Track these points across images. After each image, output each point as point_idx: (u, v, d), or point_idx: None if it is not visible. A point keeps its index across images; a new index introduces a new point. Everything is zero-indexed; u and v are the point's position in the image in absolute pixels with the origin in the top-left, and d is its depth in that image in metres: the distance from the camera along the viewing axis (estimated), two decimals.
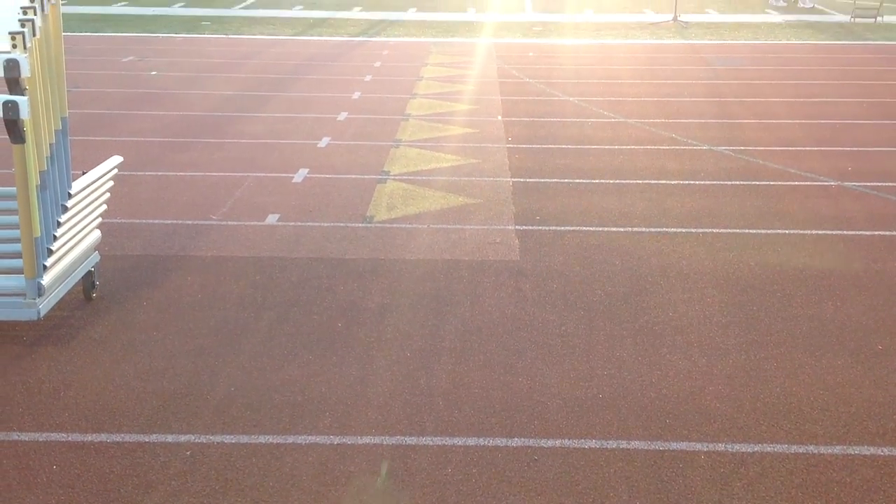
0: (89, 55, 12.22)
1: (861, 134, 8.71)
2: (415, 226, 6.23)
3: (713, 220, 6.37)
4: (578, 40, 14.16)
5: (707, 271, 5.47)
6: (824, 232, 6.14)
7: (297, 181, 7.17)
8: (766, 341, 4.55)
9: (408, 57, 12.57)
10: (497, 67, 11.80)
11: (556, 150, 8.08)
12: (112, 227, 5.82)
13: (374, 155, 7.89)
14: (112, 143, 8.08)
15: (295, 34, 14.51)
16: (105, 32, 14.20)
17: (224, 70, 11.58)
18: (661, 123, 8.93)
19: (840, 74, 11.68)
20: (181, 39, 13.86)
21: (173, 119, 9.06)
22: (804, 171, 7.44)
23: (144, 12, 16.40)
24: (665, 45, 13.84)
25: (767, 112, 9.47)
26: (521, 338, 4.59)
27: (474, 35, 14.56)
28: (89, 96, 9.78)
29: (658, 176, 7.35)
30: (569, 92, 10.31)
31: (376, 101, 9.88)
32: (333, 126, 8.83)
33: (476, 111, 9.46)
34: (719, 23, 15.97)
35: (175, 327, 4.66)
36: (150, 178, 7.19)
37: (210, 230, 6.10)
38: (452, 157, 7.85)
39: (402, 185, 7.07)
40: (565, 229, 6.18)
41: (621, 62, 12.41)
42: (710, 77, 11.39)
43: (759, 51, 13.38)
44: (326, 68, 11.82)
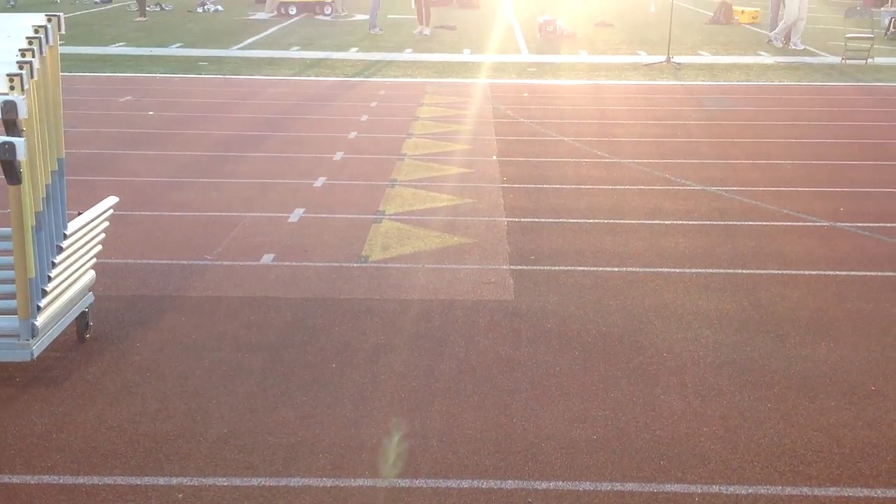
0: (87, 95, 12.29)
1: (854, 174, 8.77)
2: (410, 265, 6.24)
3: (707, 260, 6.39)
4: (573, 81, 14.27)
5: (701, 311, 5.48)
6: (817, 272, 6.16)
7: (293, 221, 7.19)
8: (759, 382, 4.55)
9: (404, 97, 12.65)
10: (492, 107, 11.87)
11: (550, 190, 8.12)
12: (106, 267, 5.82)
13: (370, 194, 7.92)
14: (108, 182, 8.11)
15: (292, 74, 14.61)
16: (103, 73, 14.28)
17: (221, 110, 11.65)
18: (655, 163, 8.99)
19: (832, 115, 11.77)
20: (178, 80, 13.94)
21: (169, 159, 9.10)
22: (797, 212, 7.48)
23: (142, 53, 16.50)
24: (658, 85, 13.94)
25: (760, 152, 9.53)
26: (515, 378, 4.59)
27: (470, 75, 14.67)
28: (86, 136, 9.82)
29: (652, 216, 7.38)
30: (563, 132, 10.38)
31: (372, 141, 9.94)
32: (329, 165, 8.87)
33: (471, 151, 9.51)
34: (712, 64, 16.10)
35: (168, 368, 4.65)
36: (145, 218, 7.21)
37: (205, 270, 6.11)
38: (448, 196, 7.88)
39: (398, 225, 7.10)
40: (560, 269, 6.20)
41: (615, 102, 12.50)
42: (704, 117, 11.48)
43: (752, 91, 13.49)
44: (323, 108, 11.90)
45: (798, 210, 7.52)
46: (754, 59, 16.79)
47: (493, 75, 14.69)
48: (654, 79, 14.48)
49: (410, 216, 7.33)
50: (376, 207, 7.55)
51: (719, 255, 6.48)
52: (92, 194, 6.79)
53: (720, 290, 5.83)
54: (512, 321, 5.33)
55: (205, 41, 18.35)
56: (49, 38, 4.34)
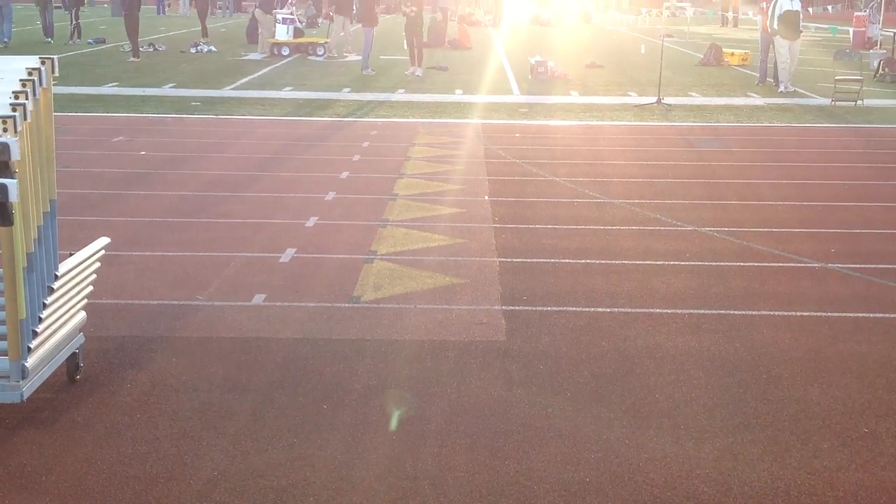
0: (79, 135, 12.31)
1: (844, 216, 8.81)
2: (401, 306, 6.23)
3: (699, 300, 6.40)
4: (564, 121, 14.35)
5: (693, 352, 5.48)
6: (809, 313, 6.17)
7: (285, 261, 7.19)
8: (752, 424, 4.54)
9: (396, 137, 12.70)
10: (484, 148, 11.92)
11: (542, 231, 8.14)
12: (97, 308, 5.79)
13: (362, 234, 7.92)
14: (100, 222, 8.10)
15: (284, 114, 14.67)
16: (96, 113, 14.32)
17: (213, 150, 11.68)
18: (647, 204, 9.02)
19: (822, 156, 11.85)
20: (171, 120, 13.98)
21: (161, 199, 9.10)
22: (788, 253, 7.50)
23: (135, 93, 16.56)
24: (649, 126, 14.03)
25: (751, 193, 9.58)
26: (507, 420, 4.57)
27: (462, 116, 14.74)
28: (78, 176, 9.83)
29: (644, 256, 7.40)
30: (555, 172, 10.42)
31: (364, 181, 9.96)
32: (321, 205, 8.88)
33: (463, 191, 9.53)
34: (702, 105, 16.23)
35: (158, 410, 4.62)
36: (136, 258, 7.20)
37: (196, 311, 6.09)
38: (439, 236, 7.89)
39: (389, 265, 7.10)
40: (552, 309, 6.20)
41: (606, 143, 12.56)
42: (694, 158, 11.54)
43: (742, 133, 13.58)
44: (315, 148, 11.93)
45: (789, 251, 7.55)
46: (744, 100, 16.93)
47: (485, 116, 14.76)
48: (645, 120, 14.57)
49: (402, 256, 7.33)
50: (368, 247, 7.56)
51: (711, 296, 6.49)
52: (84, 234, 6.79)
53: (712, 331, 5.84)
54: (504, 362, 5.32)
55: (198, 81, 18.43)
56: (43, 80, 4.36)
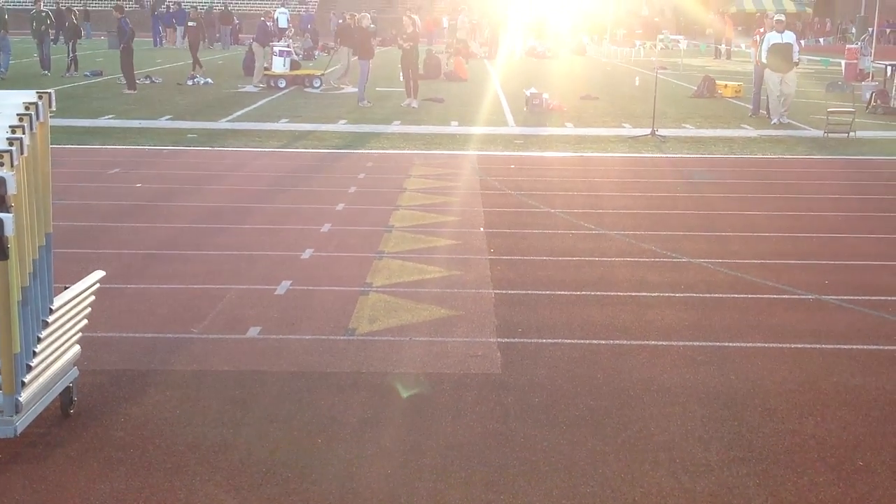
0: (75, 167, 12.33)
1: (838, 247, 8.83)
2: (397, 338, 6.23)
3: (694, 332, 6.40)
4: (559, 153, 14.41)
5: (689, 385, 5.48)
6: (804, 346, 6.17)
7: (280, 293, 7.18)
8: (747, 457, 4.53)
9: (391, 169, 12.74)
10: (479, 179, 11.96)
11: (537, 262, 8.14)
12: (91, 341, 5.78)
13: (357, 266, 7.93)
14: (95, 255, 8.11)
15: (280, 146, 14.71)
16: (92, 145, 14.35)
17: (209, 182, 11.70)
18: (641, 235, 9.04)
19: (816, 188, 11.90)
20: (167, 152, 14.01)
21: (157, 231, 9.11)
22: (783, 285, 7.52)
23: (131, 125, 16.61)
24: (644, 158, 14.09)
25: (745, 225, 9.61)
26: (503, 454, 4.56)
27: (457, 147, 14.79)
28: (74, 209, 9.83)
29: (639, 288, 7.41)
30: (550, 204, 10.45)
31: (360, 213, 9.98)
32: (317, 237, 8.89)
33: (459, 223, 9.55)
34: (696, 137, 16.30)
35: (152, 444, 4.60)
36: (131, 291, 7.19)
37: (191, 344, 6.08)
38: (435, 268, 7.90)
39: (385, 298, 7.10)
40: (547, 342, 6.19)
41: (601, 175, 12.61)
42: (689, 190, 11.58)
43: (736, 164, 13.64)
44: (310, 180, 11.96)
45: (784, 283, 7.56)
46: (738, 132, 17.02)
47: (481, 147, 14.82)
48: (640, 151, 14.63)
49: (398, 288, 7.33)
50: (364, 279, 7.56)
51: (706, 328, 6.50)
52: (79, 267, 6.78)
53: (707, 363, 5.84)
54: (499, 395, 5.32)
55: (194, 114, 18.50)
56: (40, 114, 4.38)
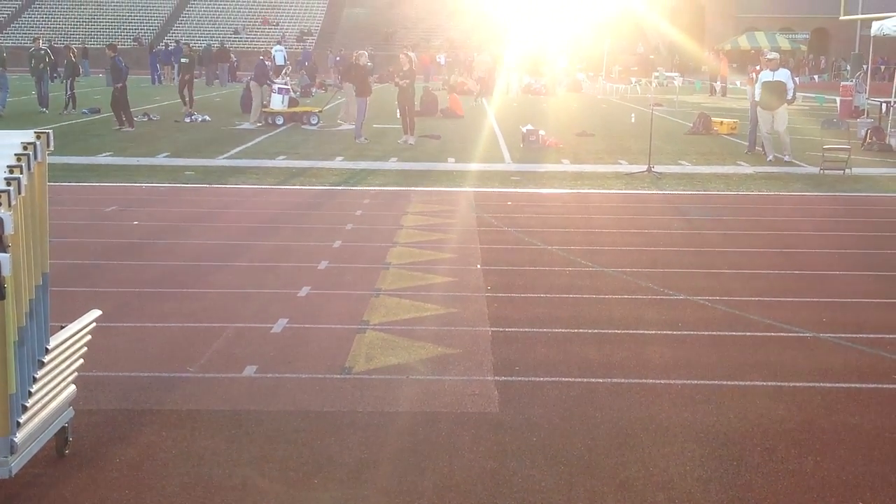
0: (73, 205, 12.35)
1: (835, 285, 8.84)
2: (393, 377, 6.21)
3: (692, 371, 6.38)
4: (555, 189, 14.45)
5: (687, 424, 5.45)
6: (802, 384, 6.15)
7: (277, 331, 7.16)
8: (747, 498, 4.50)
9: (388, 205, 12.76)
10: (476, 216, 11.98)
11: (534, 299, 8.14)
12: (87, 381, 5.75)
13: (354, 304, 7.92)
14: (91, 293, 8.09)
15: (277, 183, 14.75)
16: (89, 182, 14.37)
17: (206, 219, 11.72)
18: (639, 272, 9.04)
19: (812, 225, 11.93)
20: (165, 189, 14.04)
21: (153, 269, 9.10)
22: (780, 322, 7.51)
23: (129, 162, 16.65)
24: (640, 194, 14.13)
25: (742, 262, 9.61)
26: (500, 494, 4.53)
27: (454, 184, 14.84)
28: (71, 247, 9.83)
29: (636, 326, 7.39)
30: (546, 241, 10.46)
31: (357, 250, 9.98)
32: (314, 275, 8.88)
33: (456, 260, 9.55)
34: (692, 173, 16.36)
35: (147, 485, 4.57)
36: (127, 330, 7.17)
37: (186, 383, 6.05)
38: (432, 306, 7.89)
39: (382, 335, 7.08)
40: (545, 380, 6.17)
41: (597, 211, 12.64)
42: (685, 227, 11.61)
43: (733, 201, 13.68)
44: (308, 217, 11.98)
45: (781, 320, 7.55)
46: (734, 168, 17.08)
47: (478, 184, 14.86)
48: (636, 188, 14.68)
49: (394, 326, 7.32)
50: (360, 317, 7.54)
51: (704, 366, 6.48)
52: (75, 306, 6.77)
53: (706, 402, 5.81)
54: (497, 434, 5.29)
55: (191, 151, 18.56)
56: (38, 154, 4.39)
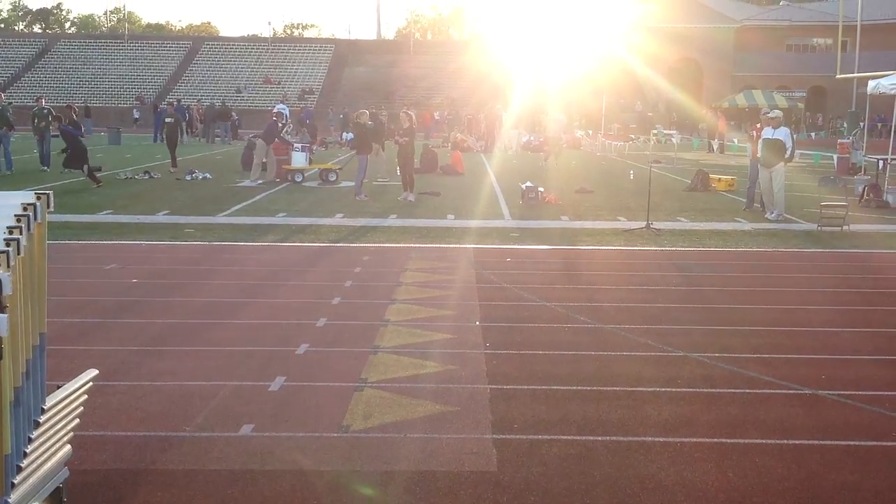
0: (72, 263, 12.37)
1: (834, 342, 8.83)
2: (391, 435, 6.18)
3: (691, 429, 6.35)
4: (555, 246, 14.48)
5: (686, 483, 5.42)
6: (802, 442, 6.12)
7: (274, 389, 7.14)
8: None
9: (388, 262, 12.79)
10: (475, 272, 12.00)
11: (533, 356, 8.12)
12: (83, 440, 5.72)
13: (353, 362, 7.90)
14: (89, 352, 8.08)
15: (277, 240, 14.79)
16: (89, 240, 14.41)
17: (205, 277, 11.73)
18: (638, 329, 9.04)
19: (810, 281, 11.94)
20: (164, 246, 14.07)
21: (151, 327, 9.09)
22: (779, 379, 7.49)
23: (129, 220, 16.72)
24: (639, 251, 14.16)
25: (740, 318, 9.61)
26: None
27: (453, 241, 14.88)
28: (69, 305, 9.83)
29: (635, 383, 7.37)
30: (546, 297, 10.46)
31: (356, 307, 9.99)
32: (312, 332, 8.88)
33: (455, 316, 9.55)
34: (691, 230, 16.42)
35: None
36: (124, 388, 7.14)
37: (182, 442, 6.02)
38: (430, 363, 7.87)
39: (380, 393, 7.06)
40: (543, 438, 6.14)
41: (597, 268, 12.66)
42: (684, 283, 11.62)
43: (731, 257, 13.71)
44: (307, 274, 12.00)
45: (780, 377, 7.53)
46: (732, 225, 17.15)
47: (477, 240, 14.90)
48: (635, 244, 14.71)
49: (393, 384, 7.30)
50: (359, 375, 7.53)
51: (703, 424, 6.45)
52: (72, 365, 6.76)
53: (705, 460, 5.78)
54: (495, 494, 5.25)
55: (192, 208, 18.64)
56: (38, 215, 4.42)
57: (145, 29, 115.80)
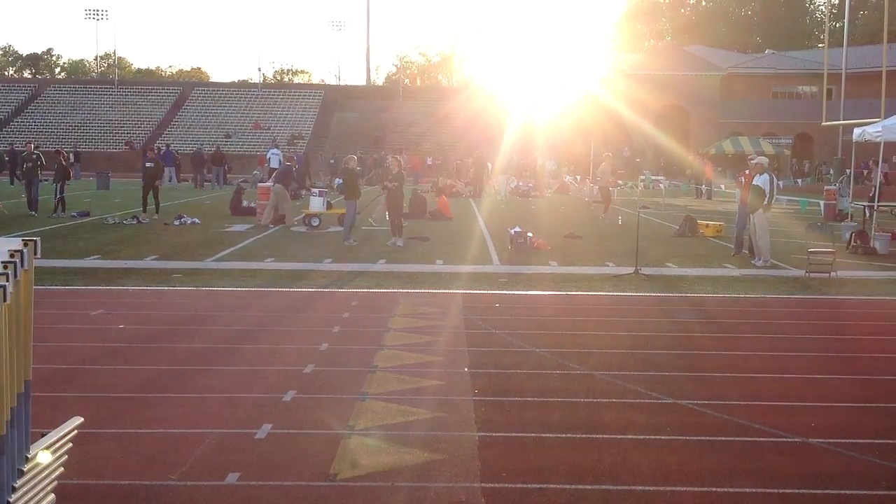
0: (58, 309, 12.30)
1: (823, 389, 8.81)
2: (379, 484, 6.12)
3: (681, 477, 6.31)
4: (544, 291, 14.48)
5: None
6: (793, 491, 6.09)
7: (261, 437, 7.08)
8: None
9: (376, 307, 12.75)
10: (464, 318, 11.97)
11: (522, 403, 8.08)
12: (67, 490, 5.65)
13: (341, 408, 7.85)
14: (74, 398, 8.00)
15: (265, 285, 14.74)
16: (76, 286, 14.32)
17: (192, 322, 11.67)
18: (627, 376, 9.01)
19: (799, 328, 11.95)
20: (151, 292, 14.01)
21: (137, 373, 9.02)
22: (769, 427, 7.46)
23: (117, 265, 16.64)
24: (628, 296, 14.16)
25: (730, 365, 9.60)
26: None
27: (442, 286, 14.86)
28: (55, 351, 9.75)
29: (625, 430, 7.33)
30: (535, 343, 10.43)
31: (344, 353, 9.94)
32: (300, 378, 8.82)
33: (443, 362, 9.51)
34: (679, 276, 16.44)
35: None
36: (109, 436, 7.06)
37: (167, 491, 5.95)
38: (419, 410, 7.82)
39: (368, 441, 7.00)
40: (533, 487, 6.09)
41: (586, 313, 12.65)
42: (673, 329, 11.61)
43: (720, 303, 13.72)
44: (295, 319, 11.95)
45: (770, 425, 7.50)
46: (720, 271, 17.18)
47: (466, 286, 14.88)
48: (624, 290, 14.72)
49: (381, 431, 7.24)
50: (346, 422, 7.47)
51: (694, 472, 6.41)
52: (57, 412, 6.70)
53: None
54: None
55: (180, 253, 18.59)
56: (24, 262, 4.39)
57: (136, 74, 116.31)
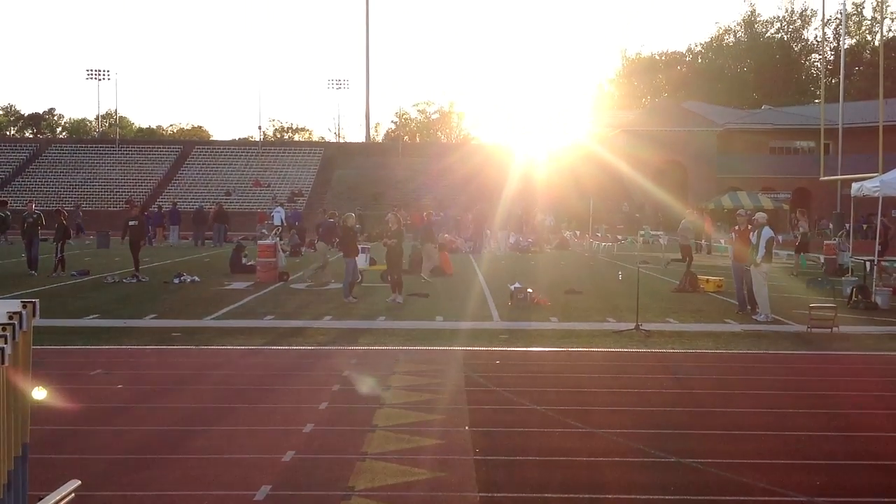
0: (57, 369, 12.23)
1: (827, 446, 8.73)
2: None
3: None
4: (544, 348, 14.42)
5: None
6: None
7: (259, 499, 6.99)
8: None
9: (376, 365, 12.68)
10: (464, 375, 11.90)
11: (524, 463, 8.00)
12: None
13: (340, 469, 7.76)
14: (71, 460, 7.92)
15: (264, 343, 14.68)
16: (74, 345, 14.27)
17: (190, 382, 11.60)
18: (629, 434, 8.93)
19: (801, 384, 11.88)
20: (150, 351, 13.95)
21: (135, 434, 8.95)
22: (774, 486, 7.37)
23: (115, 324, 16.60)
24: (629, 353, 14.09)
25: (733, 422, 9.52)
26: None
27: (442, 343, 14.80)
28: (53, 412, 9.65)
29: (628, 490, 7.25)
30: (536, 400, 10.36)
31: (344, 412, 9.86)
32: (299, 438, 8.74)
33: (443, 421, 9.43)
34: (680, 331, 16.38)
35: None
36: (106, 499, 6.98)
37: None
38: (419, 470, 7.74)
39: (367, 503, 6.91)
40: None
41: (587, 370, 12.58)
42: (675, 385, 11.54)
43: (722, 359, 13.65)
44: (294, 378, 11.88)
45: (775, 484, 7.42)
46: (722, 326, 17.12)
47: (466, 342, 14.82)
48: (625, 346, 14.65)
49: (381, 492, 7.16)
50: (346, 483, 7.38)
51: None
52: (55, 474, 6.62)
53: None
54: None
55: (179, 312, 18.55)
56: (23, 324, 4.37)
57: (137, 133, 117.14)
